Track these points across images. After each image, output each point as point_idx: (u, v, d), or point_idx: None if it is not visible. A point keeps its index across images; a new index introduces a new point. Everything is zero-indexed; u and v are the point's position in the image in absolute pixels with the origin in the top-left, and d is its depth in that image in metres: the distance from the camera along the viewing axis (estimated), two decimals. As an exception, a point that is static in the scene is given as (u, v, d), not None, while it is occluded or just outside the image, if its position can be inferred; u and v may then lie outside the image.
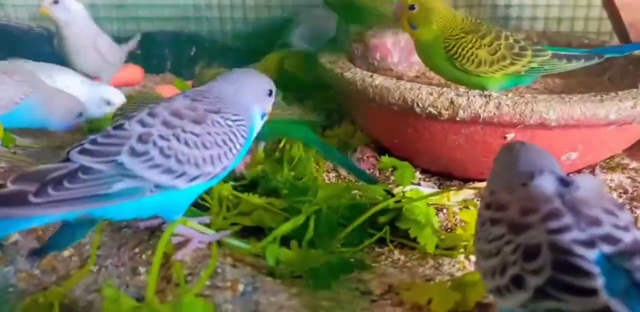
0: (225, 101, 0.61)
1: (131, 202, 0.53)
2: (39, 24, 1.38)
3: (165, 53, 1.46)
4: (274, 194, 0.76)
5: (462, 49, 0.85)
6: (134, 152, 0.53)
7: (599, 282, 0.38)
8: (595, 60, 0.89)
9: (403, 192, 0.72)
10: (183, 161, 0.55)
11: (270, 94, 0.66)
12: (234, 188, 0.74)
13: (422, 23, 0.88)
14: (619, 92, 0.76)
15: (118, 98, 1.06)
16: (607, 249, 0.40)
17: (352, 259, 0.64)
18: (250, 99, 0.63)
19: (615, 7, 1.08)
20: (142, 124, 0.55)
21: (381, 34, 1.14)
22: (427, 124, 0.79)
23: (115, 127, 0.56)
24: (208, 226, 0.66)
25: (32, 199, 0.49)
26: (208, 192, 0.75)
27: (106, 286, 0.52)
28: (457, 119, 0.75)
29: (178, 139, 0.55)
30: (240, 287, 0.57)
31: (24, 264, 0.62)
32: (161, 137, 0.54)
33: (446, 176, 0.89)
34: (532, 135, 0.75)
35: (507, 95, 0.74)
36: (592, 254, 0.40)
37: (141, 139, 0.54)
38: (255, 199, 0.71)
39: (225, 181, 0.73)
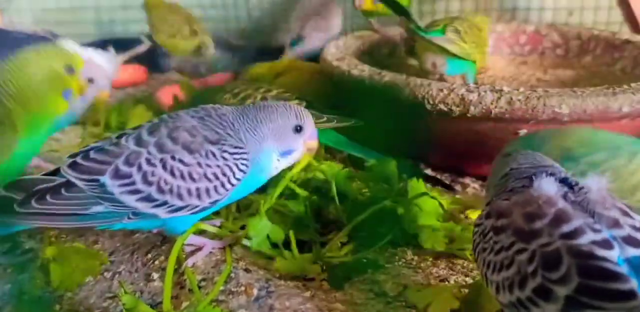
0: (235, 131, 0.57)
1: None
2: (43, 28, 1.38)
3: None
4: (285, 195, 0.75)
5: None
6: (117, 174, 0.52)
7: (633, 283, 0.37)
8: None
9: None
10: (165, 190, 0.52)
11: (298, 129, 0.60)
12: None
13: None
14: (632, 85, 0.75)
15: (102, 76, 0.80)
16: (631, 251, 0.39)
17: (365, 260, 0.64)
18: (266, 135, 0.58)
19: (625, -4, 1.06)
20: (138, 142, 0.54)
21: (386, 27, 1.13)
22: (438, 120, 0.78)
23: (115, 139, 0.55)
24: (219, 228, 0.65)
25: (16, 208, 0.50)
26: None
27: (123, 294, 0.52)
28: (469, 115, 0.74)
29: (164, 167, 0.52)
30: (254, 291, 0.56)
31: (39, 271, 0.62)
32: (148, 161, 0.52)
33: (458, 172, 0.88)
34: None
35: (518, 90, 0.73)
36: (613, 255, 0.38)
37: (128, 160, 0.52)
38: (264, 199, 0.71)
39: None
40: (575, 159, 0.57)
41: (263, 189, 0.80)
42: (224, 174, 0.55)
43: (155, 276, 0.60)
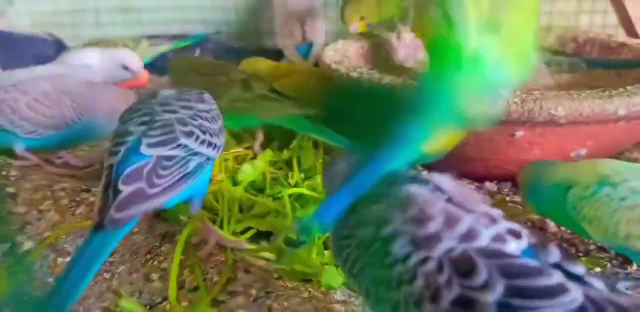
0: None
1: (200, 179, 0.59)
2: (43, 30, 1.38)
3: (169, 55, 1.46)
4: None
5: None
6: (186, 134, 0.58)
7: (556, 275, 0.34)
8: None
9: None
10: (213, 134, 0.61)
11: None
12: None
13: None
14: (628, 88, 0.75)
15: (135, 62, 1.03)
16: (518, 243, 0.37)
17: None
18: None
19: (621, 0, 1.07)
20: (168, 111, 0.60)
21: (386, 31, 1.14)
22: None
23: (145, 120, 0.59)
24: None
25: (149, 190, 0.54)
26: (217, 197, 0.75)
27: (122, 298, 0.52)
28: (465, 117, 0.74)
29: (200, 117, 0.61)
30: (253, 292, 0.57)
31: (38, 272, 0.62)
32: (191, 118, 0.60)
33: (454, 175, 0.88)
34: (541, 133, 0.75)
35: (515, 93, 0.74)
36: (516, 250, 0.36)
37: (181, 122, 0.59)
38: (269, 202, 0.71)
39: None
40: (614, 185, 0.58)
41: (262, 190, 0.81)
42: (220, 115, 0.66)
43: (155, 276, 0.60)
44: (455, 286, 0.34)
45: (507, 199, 0.82)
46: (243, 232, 0.69)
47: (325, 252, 0.63)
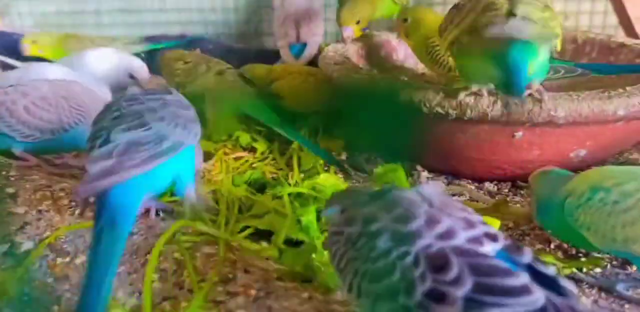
0: None
1: (177, 161, 0.61)
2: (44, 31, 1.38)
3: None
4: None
5: (437, 55, 0.94)
6: (155, 119, 0.61)
7: (524, 277, 0.37)
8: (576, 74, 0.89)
9: None
10: (186, 120, 0.64)
11: None
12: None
13: (412, 33, 0.98)
14: (627, 88, 0.75)
15: (142, 72, 1.05)
16: (494, 245, 0.40)
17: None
18: None
19: (620, 0, 1.07)
20: (136, 103, 0.63)
21: (385, 31, 1.14)
22: (434, 123, 0.79)
23: (114, 116, 0.62)
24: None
25: (115, 167, 0.56)
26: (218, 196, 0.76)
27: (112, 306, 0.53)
28: (465, 118, 0.75)
29: (170, 105, 0.64)
30: (253, 292, 0.57)
31: (37, 272, 0.62)
32: (160, 106, 0.63)
33: (455, 175, 0.88)
34: (541, 133, 0.75)
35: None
36: (491, 251, 0.40)
37: (150, 110, 0.62)
38: (268, 201, 0.71)
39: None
40: (607, 190, 0.57)
41: (261, 190, 0.81)
42: (191, 106, 0.68)
43: (155, 276, 0.60)
44: (428, 279, 0.38)
45: (507, 199, 0.82)
46: (242, 231, 0.70)
47: (325, 252, 0.63)
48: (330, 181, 0.75)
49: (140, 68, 1.05)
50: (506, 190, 0.85)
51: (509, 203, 0.79)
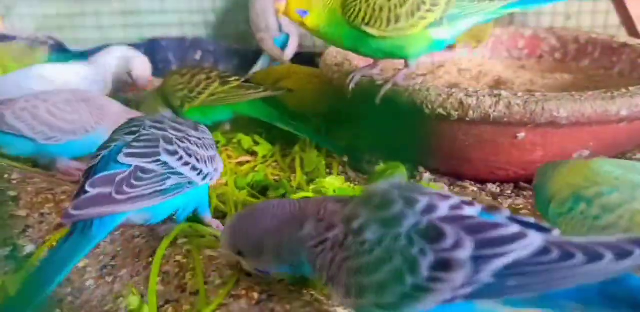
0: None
1: (175, 199, 0.59)
2: (44, 33, 1.38)
3: (170, 58, 1.47)
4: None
5: (370, 9, 0.73)
6: (169, 152, 0.59)
7: (514, 226, 0.40)
8: None
9: None
10: (200, 160, 0.61)
11: None
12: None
13: (311, 5, 0.76)
14: (630, 88, 0.75)
15: (141, 70, 1.09)
16: (474, 208, 0.42)
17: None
18: None
19: (622, 0, 1.07)
20: (157, 129, 0.61)
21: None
22: (436, 124, 0.79)
23: (133, 133, 0.60)
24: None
25: (115, 196, 0.54)
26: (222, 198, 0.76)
27: (130, 294, 0.53)
28: (467, 119, 0.74)
29: (190, 142, 0.61)
30: (255, 295, 0.56)
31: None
32: (179, 139, 0.61)
33: (457, 176, 0.88)
34: (543, 134, 0.75)
35: (516, 94, 0.74)
36: (474, 213, 0.42)
37: (167, 141, 0.60)
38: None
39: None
40: (589, 200, 0.53)
41: (263, 192, 0.81)
42: (214, 145, 0.67)
43: (157, 279, 0.60)
44: (429, 252, 0.38)
45: (510, 201, 0.82)
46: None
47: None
48: (335, 185, 0.75)
49: (140, 65, 1.07)
50: (509, 191, 0.84)
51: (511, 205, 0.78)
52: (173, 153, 0.59)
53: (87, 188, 0.54)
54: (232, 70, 1.34)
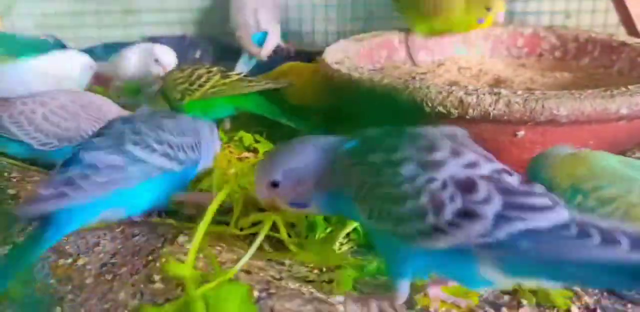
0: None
1: (145, 189, 0.61)
2: (44, 32, 1.38)
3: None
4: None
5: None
6: (134, 142, 0.61)
7: (546, 199, 0.41)
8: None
9: None
10: (175, 147, 0.63)
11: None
12: None
13: None
14: (630, 87, 0.75)
15: (166, 57, 1.11)
16: (510, 177, 0.43)
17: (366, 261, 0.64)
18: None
19: (622, -1, 1.07)
20: (125, 122, 0.64)
21: (387, 32, 1.14)
22: (436, 122, 0.79)
23: (101, 129, 0.64)
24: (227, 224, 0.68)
25: (66, 190, 0.56)
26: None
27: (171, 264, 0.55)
28: (467, 117, 0.74)
29: (161, 129, 0.63)
30: (255, 293, 0.56)
31: (39, 273, 0.62)
32: (149, 129, 0.63)
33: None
34: (543, 132, 0.75)
35: (516, 93, 0.74)
36: (513, 181, 0.43)
37: (134, 132, 0.62)
38: None
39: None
40: (585, 193, 0.55)
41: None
42: (199, 132, 0.68)
43: (157, 277, 0.60)
44: (458, 199, 0.40)
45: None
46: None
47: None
48: None
49: (164, 53, 1.10)
50: (508, 189, 0.84)
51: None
52: (138, 142, 0.61)
53: (41, 185, 0.56)
54: (231, 68, 1.34)
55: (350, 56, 0.97)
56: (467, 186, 0.41)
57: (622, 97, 0.72)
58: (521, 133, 0.75)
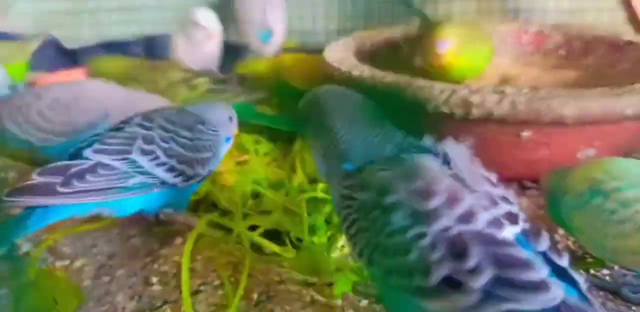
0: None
1: (140, 196, 0.59)
2: (43, 30, 1.37)
3: (168, 55, 1.46)
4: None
5: None
6: (143, 151, 0.59)
7: (544, 271, 0.36)
8: None
9: None
10: (182, 162, 0.61)
11: (230, 119, 0.72)
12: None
13: None
14: (636, 86, 0.74)
15: (207, 20, 1.13)
16: (513, 228, 0.38)
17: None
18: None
19: (628, -3, 1.06)
20: (143, 127, 0.61)
21: (390, 30, 1.13)
22: (439, 121, 0.78)
23: (117, 129, 0.61)
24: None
25: (59, 189, 0.54)
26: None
27: None
28: (470, 117, 0.73)
29: (176, 142, 0.61)
30: (255, 296, 0.56)
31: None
32: (162, 140, 0.60)
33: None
34: (548, 133, 0.74)
35: (521, 92, 0.72)
36: (508, 235, 0.38)
37: (146, 140, 0.60)
38: (278, 197, 0.70)
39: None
40: (605, 194, 0.53)
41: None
42: (214, 146, 0.65)
43: (154, 279, 0.59)
44: (446, 266, 0.36)
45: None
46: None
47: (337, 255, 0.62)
48: None
49: (204, 17, 1.11)
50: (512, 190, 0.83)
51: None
52: (148, 153, 0.59)
53: (34, 176, 0.55)
54: (231, 66, 1.33)
55: (352, 54, 0.96)
56: (457, 250, 0.36)
57: (628, 97, 0.71)
58: (525, 134, 0.74)
